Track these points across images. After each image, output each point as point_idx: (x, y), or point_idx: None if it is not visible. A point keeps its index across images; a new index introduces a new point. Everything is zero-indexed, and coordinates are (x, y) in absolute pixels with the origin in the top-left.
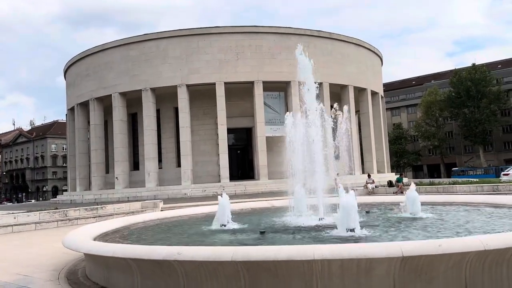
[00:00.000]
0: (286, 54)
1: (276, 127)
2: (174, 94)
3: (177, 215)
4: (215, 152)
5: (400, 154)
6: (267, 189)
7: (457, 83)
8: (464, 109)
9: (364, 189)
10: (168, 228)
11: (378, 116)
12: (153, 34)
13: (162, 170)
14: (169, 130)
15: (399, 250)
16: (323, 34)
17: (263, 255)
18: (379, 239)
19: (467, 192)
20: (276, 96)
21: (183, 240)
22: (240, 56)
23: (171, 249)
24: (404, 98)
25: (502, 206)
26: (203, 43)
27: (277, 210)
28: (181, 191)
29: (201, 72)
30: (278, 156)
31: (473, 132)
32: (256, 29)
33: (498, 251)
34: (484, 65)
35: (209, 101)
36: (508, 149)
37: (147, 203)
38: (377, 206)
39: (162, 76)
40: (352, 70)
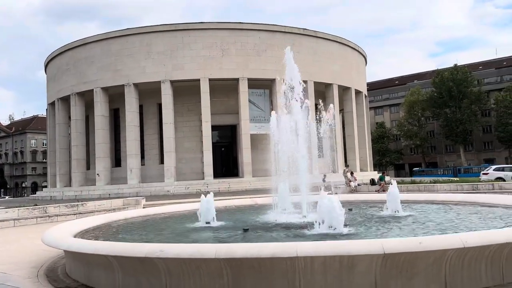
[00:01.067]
0: (272, 51)
1: (261, 124)
2: (158, 90)
3: (160, 212)
4: (199, 149)
5: (383, 152)
6: (251, 186)
7: (439, 83)
8: (445, 109)
9: (347, 187)
10: (151, 226)
11: (361, 115)
12: (136, 29)
13: (145, 167)
14: (152, 126)
15: (381, 247)
16: (308, 32)
17: (247, 252)
18: (361, 237)
19: (448, 190)
20: (261, 94)
21: (166, 238)
22: (225, 52)
23: (154, 246)
24: (387, 98)
25: (481, 204)
26: (187, 39)
27: (261, 207)
28: (164, 188)
29: (186, 68)
30: (262, 154)
31: (454, 132)
32: (242, 26)
33: (477, 249)
34: (465, 66)
35: (194, 98)
36: (487, 149)
37: (129, 200)
38: (359, 204)
39: (145, 71)
40: (337, 68)
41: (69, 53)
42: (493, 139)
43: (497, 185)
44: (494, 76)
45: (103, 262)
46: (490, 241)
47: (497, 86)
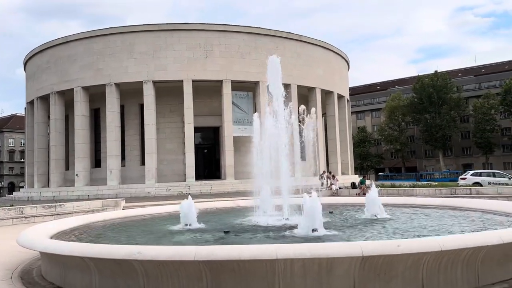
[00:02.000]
0: (256, 54)
1: (244, 127)
2: (140, 90)
3: (140, 214)
4: (181, 151)
5: (364, 156)
6: (234, 189)
7: (420, 89)
8: (425, 114)
9: (328, 190)
10: (130, 227)
11: (343, 119)
12: (118, 28)
13: (125, 168)
14: (133, 127)
15: (360, 250)
16: (292, 36)
17: (227, 254)
18: (341, 239)
19: (427, 194)
20: (245, 96)
21: (145, 240)
22: (209, 54)
23: (131, 248)
24: (369, 103)
25: (458, 208)
26: (171, 40)
27: (243, 210)
28: (144, 189)
29: (168, 69)
30: (245, 156)
31: (433, 137)
32: (226, 28)
33: (453, 252)
34: (445, 72)
35: (176, 99)
36: (466, 154)
37: (108, 202)
38: (340, 207)
39: (127, 71)
40: (320, 73)
41: (50, 51)
42: (471, 144)
43: (474, 190)
44: (473, 83)
45: (79, 264)
46: (466, 245)
47: (475, 93)
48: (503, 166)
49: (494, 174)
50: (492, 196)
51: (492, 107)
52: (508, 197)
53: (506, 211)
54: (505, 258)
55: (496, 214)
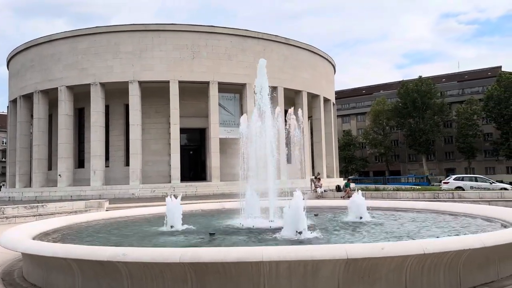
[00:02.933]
0: (243, 56)
1: (230, 128)
2: (125, 90)
3: (124, 215)
4: (166, 152)
5: (349, 160)
6: (219, 191)
7: (404, 94)
8: (409, 119)
9: (313, 192)
10: (114, 229)
11: (329, 122)
12: (104, 28)
13: (109, 169)
14: (118, 127)
15: (344, 253)
16: (279, 39)
17: (212, 256)
18: (326, 242)
19: (410, 198)
20: (231, 98)
21: (129, 241)
22: (196, 55)
23: (116, 249)
24: (354, 106)
25: (441, 212)
26: (158, 40)
27: (228, 212)
28: (128, 191)
29: (155, 69)
30: (231, 158)
31: (417, 141)
32: (214, 29)
33: (436, 255)
34: (429, 78)
35: (162, 99)
36: (449, 159)
37: (91, 203)
38: (325, 209)
39: (113, 71)
40: (307, 76)
41: (34, 49)
42: (454, 149)
43: (456, 194)
44: (456, 89)
45: (62, 265)
46: (449, 248)
47: (458, 99)
48: (485, 171)
49: (476, 178)
50: (474, 201)
51: (474, 112)
52: (489, 202)
53: (487, 215)
54: (486, 261)
55: (478, 218)
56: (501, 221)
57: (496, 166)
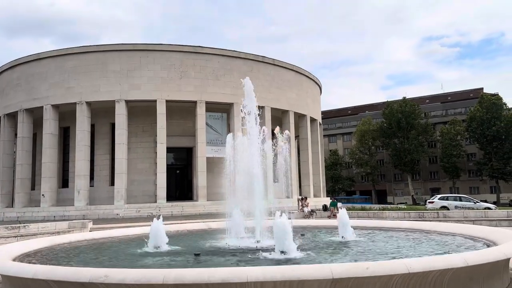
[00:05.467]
0: (230, 76)
1: (218, 148)
2: (112, 109)
3: (107, 236)
4: (152, 171)
5: (336, 179)
6: (206, 210)
7: (389, 114)
8: (394, 139)
9: (300, 212)
10: (97, 250)
11: (316, 142)
12: (92, 47)
13: (94, 189)
14: (103, 146)
15: (330, 272)
16: (266, 60)
17: (196, 277)
18: (312, 262)
19: (396, 218)
20: (219, 117)
21: (112, 262)
22: (184, 75)
23: (98, 271)
24: (341, 126)
25: (426, 232)
26: (145, 59)
27: (214, 232)
28: (113, 211)
29: (142, 89)
30: (218, 177)
31: (402, 161)
32: (202, 50)
33: (420, 274)
34: (413, 99)
35: (149, 118)
36: (433, 178)
37: (74, 223)
38: (311, 229)
39: (99, 90)
40: (293, 96)
41: (20, 68)
42: (439, 169)
43: (441, 213)
44: (440, 109)
45: (43, 287)
46: (433, 267)
47: (442, 119)
48: (469, 191)
49: (460, 198)
50: (459, 220)
51: (458, 133)
52: (473, 221)
53: (471, 235)
54: (469, 281)
55: (462, 237)
56: (485, 240)
57: (480, 185)
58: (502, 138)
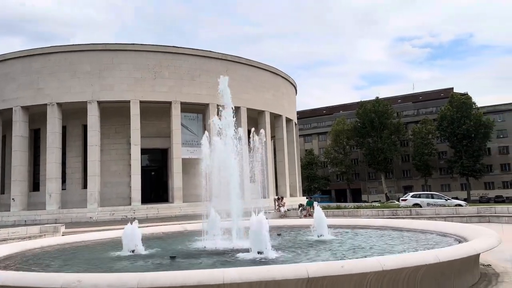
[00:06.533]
0: (206, 76)
1: (193, 149)
2: (83, 111)
3: (80, 240)
4: (126, 173)
5: (312, 179)
6: (182, 212)
7: (363, 114)
8: (368, 138)
9: (276, 212)
10: (69, 254)
11: (292, 142)
12: (61, 47)
13: (66, 192)
14: (75, 148)
15: (305, 272)
16: (242, 60)
17: (172, 280)
18: (289, 261)
19: (370, 216)
20: (194, 118)
21: (85, 267)
22: (158, 75)
23: (70, 276)
24: (316, 126)
25: (399, 229)
26: (118, 59)
27: (190, 234)
28: (86, 214)
29: (115, 89)
30: (194, 179)
31: (376, 160)
32: (176, 50)
33: (394, 271)
34: (386, 99)
35: (122, 120)
36: (406, 176)
37: (46, 227)
38: (288, 229)
39: (70, 91)
40: (269, 96)
41: None
42: (411, 167)
43: (414, 211)
44: (412, 109)
45: None
46: (406, 264)
47: (414, 119)
48: (441, 188)
49: (432, 195)
50: (431, 217)
51: (429, 132)
52: (445, 218)
53: (443, 231)
54: (442, 276)
55: (434, 234)
56: (456, 237)
57: (451, 183)
58: (471, 136)
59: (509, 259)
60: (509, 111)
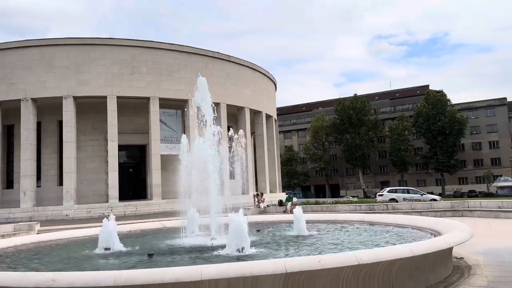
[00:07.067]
0: (185, 72)
1: (172, 145)
2: (59, 106)
3: (56, 238)
4: (103, 170)
5: (291, 175)
6: (160, 209)
7: (341, 111)
8: (346, 135)
9: (256, 208)
10: (45, 253)
11: (271, 138)
12: (37, 41)
13: (41, 189)
14: (51, 145)
15: (283, 267)
16: (221, 56)
17: (148, 278)
18: (267, 257)
19: (348, 211)
20: (173, 114)
21: (60, 266)
22: (136, 70)
23: (45, 275)
24: (295, 123)
25: (375, 223)
26: (95, 54)
27: (169, 231)
28: (62, 212)
29: (91, 84)
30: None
31: (354, 156)
32: (155, 45)
33: (370, 265)
34: (364, 96)
35: (99, 115)
36: (383, 172)
37: (20, 226)
38: (267, 224)
39: (46, 86)
40: (248, 93)
41: None
42: (388, 163)
43: (390, 205)
44: (388, 106)
45: None
46: (382, 258)
47: (391, 115)
48: (416, 183)
49: (408, 190)
50: (406, 212)
51: (405, 128)
52: (420, 212)
53: (418, 226)
54: (416, 270)
55: (409, 228)
56: (430, 231)
57: (427, 178)
58: (446, 132)
59: (481, 252)
60: (482, 108)
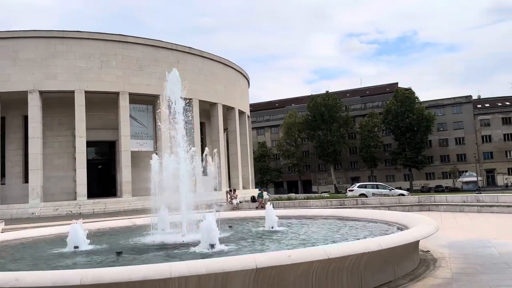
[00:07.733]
0: (156, 67)
1: (143, 141)
2: (24, 101)
3: (21, 237)
4: (71, 167)
5: (264, 171)
6: (131, 206)
7: (313, 108)
8: (318, 131)
9: (228, 204)
10: (8, 252)
11: (244, 134)
12: (0, 33)
13: (5, 187)
14: (15, 141)
15: (253, 262)
16: (194, 51)
17: (116, 276)
18: (239, 253)
19: (319, 206)
20: (144, 109)
21: (25, 265)
22: (105, 64)
23: (8, 275)
24: (268, 119)
25: (345, 218)
26: (62, 47)
27: (139, 228)
28: (28, 210)
29: (58, 78)
30: (144, 172)
31: (325, 152)
32: (124, 38)
33: (339, 259)
34: (335, 93)
35: (67, 110)
36: (354, 168)
37: None
38: (240, 220)
39: (10, 79)
40: (221, 89)
41: None
42: (359, 159)
43: (360, 200)
44: (359, 103)
45: None
46: (350, 252)
47: (361, 112)
48: (386, 179)
49: (377, 186)
50: (376, 206)
51: (375, 125)
52: (389, 207)
53: (386, 220)
54: (384, 263)
55: (378, 223)
56: (398, 225)
57: (395, 174)
58: (414, 129)
59: (446, 245)
60: (449, 105)
